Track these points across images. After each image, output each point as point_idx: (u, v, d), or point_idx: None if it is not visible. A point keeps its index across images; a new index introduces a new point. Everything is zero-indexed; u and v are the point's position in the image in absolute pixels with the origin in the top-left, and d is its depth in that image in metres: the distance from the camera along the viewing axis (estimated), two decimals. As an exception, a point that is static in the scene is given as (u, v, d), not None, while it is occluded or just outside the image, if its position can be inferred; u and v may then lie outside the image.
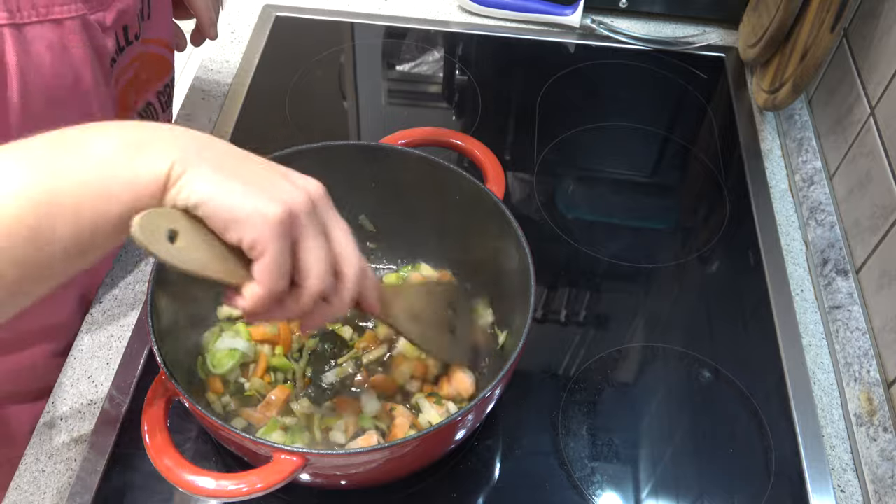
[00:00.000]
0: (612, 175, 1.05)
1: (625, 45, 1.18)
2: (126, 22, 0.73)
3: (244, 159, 0.53)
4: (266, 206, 0.50)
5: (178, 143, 0.50)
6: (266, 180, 0.51)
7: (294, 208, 0.51)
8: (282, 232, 0.50)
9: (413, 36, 1.19)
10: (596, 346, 0.85)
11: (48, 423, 0.76)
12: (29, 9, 0.62)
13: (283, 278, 0.52)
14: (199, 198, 0.49)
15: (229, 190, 0.50)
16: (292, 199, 0.51)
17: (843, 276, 0.87)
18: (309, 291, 0.54)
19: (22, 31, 0.62)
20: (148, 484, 0.72)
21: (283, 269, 0.51)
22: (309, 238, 0.52)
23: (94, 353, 0.82)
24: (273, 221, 0.50)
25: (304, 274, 0.53)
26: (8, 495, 0.72)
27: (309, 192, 0.53)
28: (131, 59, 0.77)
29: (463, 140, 0.83)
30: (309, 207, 0.52)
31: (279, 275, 0.51)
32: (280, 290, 0.52)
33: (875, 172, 0.85)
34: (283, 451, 0.59)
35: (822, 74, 1.03)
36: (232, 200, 0.49)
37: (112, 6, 0.70)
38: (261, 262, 0.51)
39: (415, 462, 0.70)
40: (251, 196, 0.50)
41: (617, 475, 0.75)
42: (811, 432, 0.79)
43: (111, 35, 0.71)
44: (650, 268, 0.93)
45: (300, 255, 0.52)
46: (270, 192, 0.50)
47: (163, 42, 0.84)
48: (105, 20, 0.69)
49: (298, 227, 0.51)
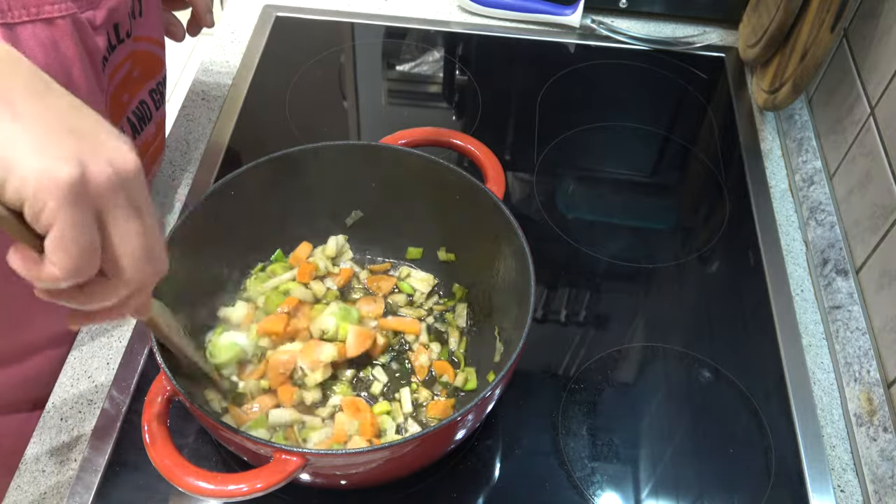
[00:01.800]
0: (612, 175, 1.05)
1: (625, 45, 1.19)
2: (117, 20, 0.72)
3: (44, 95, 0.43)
4: (55, 163, 0.40)
5: None
6: (66, 131, 0.41)
7: (94, 175, 0.41)
8: (76, 200, 0.40)
9: (413, 36, 1.19)
10: (596, 346, 0.85)
11: (48, 423, 0.76)
12: (20, 8, 0.62)
13: (84, 258, 0.42)
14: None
15: (8, 135, 0.40)
16: (93, 163, 0.41)
17: (843, 276, 0.87)
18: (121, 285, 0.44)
19: (13, 31, 0.62)
20: (148, 484, 0.72)
21: (82, 247, 0.41)
22: (119, 218, 0.43)
23: (94, 353, 0.82)
24: (64, 184, 0.39)
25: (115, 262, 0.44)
26: (8, 495, 0.72)
27: (117, 163, 0.43)
28: (123, 57, 0.77)
29: (463, 140, 0.83)
30: (113, 178, 0.42)
31: (77, 253, 0.41)
32: (83, 274, 0.43)
33: (875, 172, 0.85)
34: (283, 451, 0.59)
35: (822, 74, 1.03)
36: (10, 149, 0.39)
37: (102, 4, 0.69)
38: (50, 237, 0.41)
39: (415, 462, 0.70)
40: (39, 148, 0.40)
41: (617, 475, 0.75)
42: (811, 432, 0.79)
43: (102, 33, 0.70)
44: (650, 268, 0.93)
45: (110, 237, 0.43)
46: (66, 148, 0.40)
47: (154, 40, 0.84)
48: (95, 19, 0.69)
49: (102, 201, 0.42)
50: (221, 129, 1.04)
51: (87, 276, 0.43)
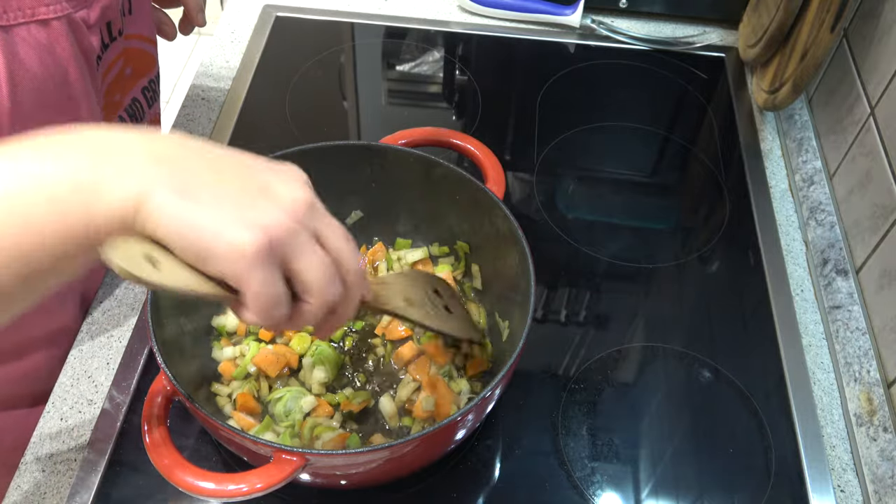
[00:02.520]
0: (612, 175, 1.05)
1: (625, 45, 1.18)
2: (109, 18, 0.72)
3: (216, 167, 0.47)
4: (241, 236, 0.44)
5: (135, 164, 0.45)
6: (242, 199, 0.46)
7: (275, 232, 0.46)
8: (262, 262, 0.45)
9: (413, 36, 1.19)
10: (596, 346, 0.85)
11: (48, 422, 0.76)
12: (15, 10, 0.62)
13: (276, 306, 0.48)
14: (166, 234, 0.44)
15: (198, 221, 0.44)
16: (272, 221, 0.46)
17: (843, 276, 0.87)
18: (314, 308, 0.50)
19: (10, 33, 0.62)
20: (148, 484, 0.72)
21: (272, 299, 0.47)
22: (301, 255, 0.47)
23: (94, 353, 0.82)
24: (250, 254, 0.44)
25: (305, 292, 0.49)
26: (8, 495, 0.72)
27: (291, 207, 0.47)
28: (116, 55, 0.77)
29: (463, 140, 0.83)
30: (293, 224, 0.47)
31: (270, 305, 0.47)
32: (278, 316, 0.48)
33: (875, 172, 0.85)
34: (283, 451, 0.59)
35: (822, 74, 1.03)
36: (201, 234, 0.44)
37: (95, 3, 0.69)
38: (246, 297, 0.46)
39: (415, 462, 0.70)
40: (223, 225, 0.44)
41: (617, 475, 0.75)
42: (811, 432, 0.79)
43: (96, 32, 0.70)
44: (650, 268, 0.93)
45: (296, 275, 0.48)
46: (246, 217, 0.45)
47: (145, 37, 0.84)
48: (89, 18, 0.69)
49: (284, 249, 0.46)
50: (221, 130, 1.04)
51: (280, 319, 0.49)
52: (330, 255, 0.50)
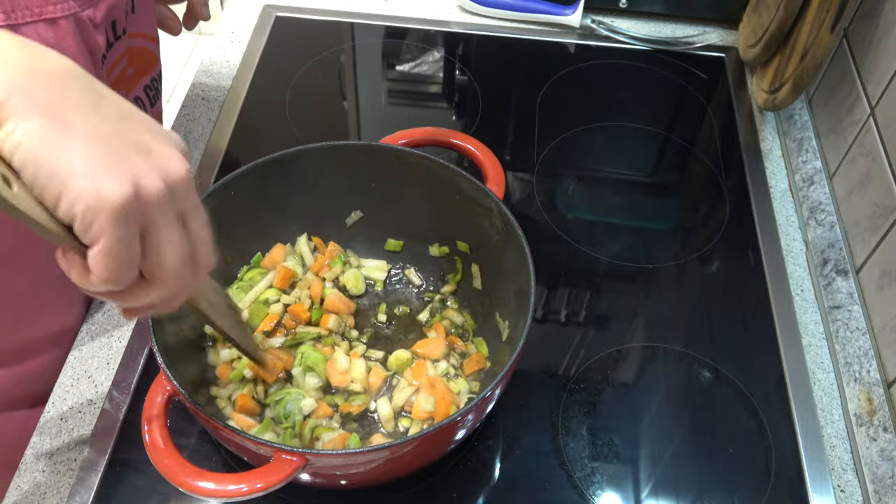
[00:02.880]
0: (612, 175, 1.05)
1: (625, 45, 1.18)
2: (114, 17, 0.73)
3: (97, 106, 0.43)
4: (108, 183, 0.40)
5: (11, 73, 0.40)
6: (116, 147, 0.42)
7: (145, 191, 0.42)
8: (125, 218, 0.41)
9: (413, 36, 1.19)
10: (596, 346, 0.85)
11: (48, 422, 0.76)
12: (23, 9, 0.62)
13: (124, 271, 0.43)
14: (21, 153, 0.39)
15: (62, 153, 0.40)
16: (145, 178, 0.42)
17: (843, 276, 0.87)
18: (160, 290, 0.46)
19: (18, 32, 0.62)
20: (148, 484, 0.72)
21: (123, 262, 0.43)
22: (163, 228, 0.44)
23: (94, 353, 0.82)
24: (115, 206, 0.40)
25: (157, 268, 0.45)
26: (8, 495, 0.72)
27: (168, 173, 0.44)
28: (120, 54, 0.77)
29: (463, 140, 0.83)
30: (164, 192, 0.43)
31: (118, 267, 0.43)
32: (122, 284, 0.44)
33: (875, 172, 0.85)
34: (283, 451, 0.59)
35: (822, 74, 1.03)
36: (62, 167, 0.40)
37: (101, 2, 0.69)
38: (94, 251, 0.42)
39: (415, 462, 0.70)
40: (91, 166, 0.40)
41: (617, 475, 0.75)
42: (811, 432, 0.79)
43: (101, 31, 0.71)
44: (650, 268, 0.93)
45: (151, 248, 0.44)
46: (118, 165, 0.41)
47: (148, 35, 0.84)
48: (95, 17, 0.69)
49: (150, 214, 0.43)
50: (221, 130, 1.04)
51: (125, 285, 0.44)
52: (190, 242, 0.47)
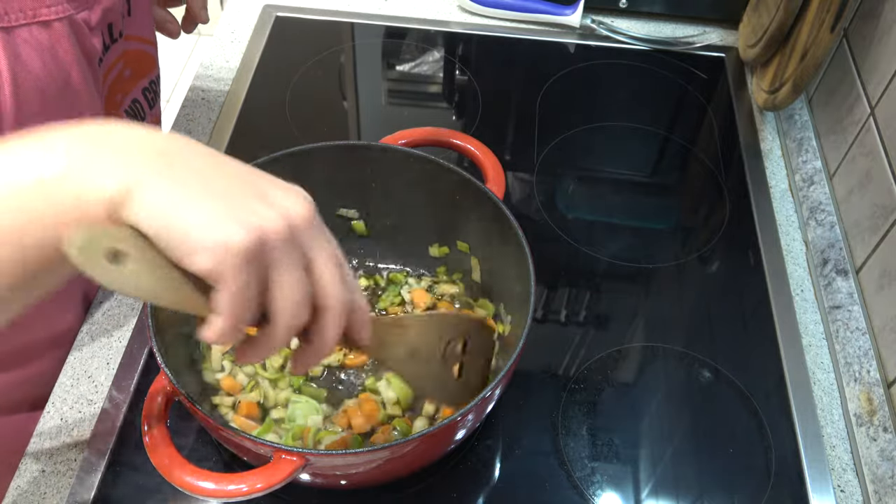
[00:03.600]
0: (612, 175, 1.05)
1: (625, 45, 1.18)
2: (110, 20, 0.72)
3: (217, 169, 0.45)
4: (231, 232, 0.42)
5: (133, 154, 0.43)
6: (238, 199, 0.44)
7: (266, 235, 0.44)
8: (247, 263, 0.43)
9: (413, 36, 1.19)
10: (596, 346, 0.85)
11: (48, 423, 0.76)
12: (17, 12, 0.61)
13: (247, 312, 0.45)
14: (152, 219, 0.42)
15: (189, 211, 0.42)
16: (266, 224, 0.44)
17: (843, 276, 0.87)
18: (279, 329, 0.47)
19: (11, 34, 0.61)
20: (148, 484, 0.72)
21: (246, 303, 0.44)
22: (282, 269, 0.45)
23: (94, 353, 0.82)
24: (237, 251, 0.42)
25: (273, 309, 0.46)
26: (8, 495, 0.72)
27: (290, 216, 0.45)
28: (116, 57, 0.77)
29: (463, 140, 0.83)
30: (287, 234, 0.45)
31: (242, 308, 0.44)
32: (245, 323, 0.46)
33: (875, 172, 0.85)
34: (283, 451, 0.59)
35: (822, 74, 1.03)
36: (190, 224, 0.42)
37: (97, 5, 0.69)
38: (220, 294, 0.44)
39: (415, 462, 0.70)
40: (215, 219, 0.42)
41: (617, 475, 0.75)
42: (811, 432, 0.79)
43: (97, 34, 0.70)
44: (650, 268, 0.93)
45: (271, 288, 0.45)
46: (240, 216, 0.43)
47: (145, 38, 0.84)
48: (91, 19, 0.69)
49: (271, 257, 0.44)
50: (221, 130, 1.04)
51: (247, 324, 0.46)
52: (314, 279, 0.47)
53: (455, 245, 0.83)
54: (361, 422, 0.73)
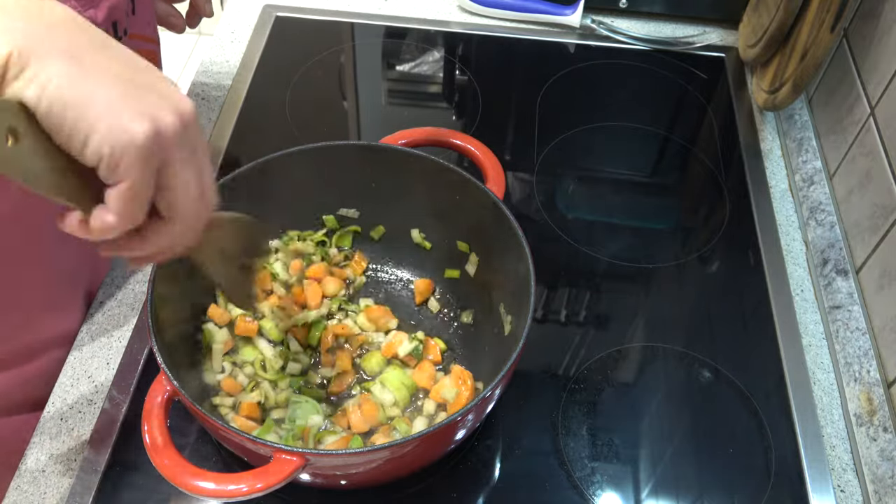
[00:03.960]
0: (612, 175, 1.05)
1: (625, 45, 1.18)
2: (115, 18, 0.72)
3: (105, 50, 0.43)
4: (132, 121, 0.41)
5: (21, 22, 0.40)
6: (133, 85, 0.42)
7: (164, 128, 0.42)
8: (148, 156, 0.42)
9: (413, 36, 1.19)
10: (596, 346, 0.85)
11: (48, 423, 0.76)
12: None
13: (142, 209, 0.44)
14: (47, 96, 0.39)
15: (87, 92, 0.40)
16: (162, 116, 0.42)
17: (843, 276, 0.87)
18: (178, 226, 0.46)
19: None
20: (148, 484, 0.72)
21: (143, 199, 0.43)
22: (178, 165, 0.44)
23: (94, 353, 0.82)
24: (140, 143, 0.41)
25: (173, 205, 0.45)
26: (8, 495, 0.72)
27: (181, 111, 0.44)
28: None
29: (463, 140, 0.83)
30: (179, 128, 0.43)
31: (139, 205, 0.43)
32: (137, 221, 0.45)
33: (875, 172, 0.85)
34: (283, 451, 0.59)
35: (822, 74, 1.03)
36: (89, 107, 0.40)
37: (102, 3, 0.69)
38: (118, 189, 0.42)
39: (415, 462, 0.70)
40: (115, 105, 0.41)
41: (617, 475, 0.75)
42: (811, 432, 0.79)
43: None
44: (650, 268, 0.93)
45: (168, 184, 0.44)
46: (138, 104, 0.41)
47: (148, 37, 0.84)
48: (96, 17, 0.69)
49: (168, 151, 0.43)
50: (221, 130, 1.04)
51: (139, 222, 0.45)
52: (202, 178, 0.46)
53: (455, 245, 0.83)
54: (361, 422, 0.73)
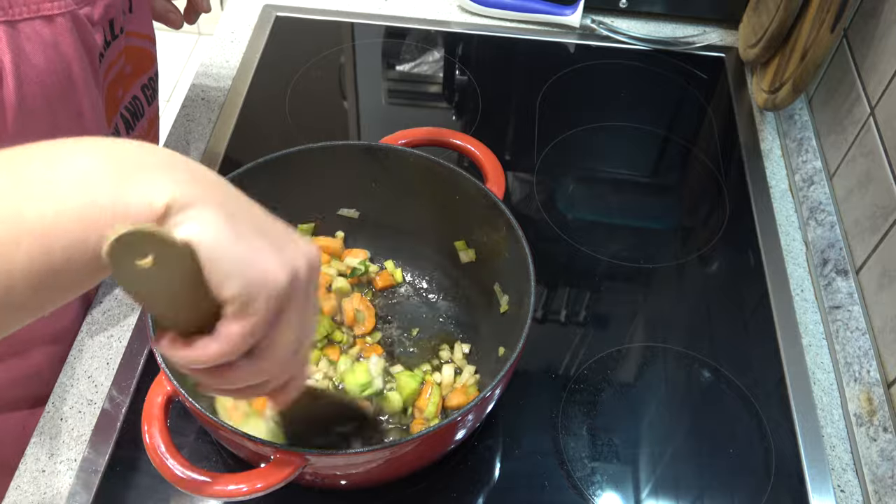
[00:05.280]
0: (612, 175, 1.05)
1: (625, 45, 1.18)
2: (112, 16, 0.73)
3: (249, 206, 0.47)
4: (277, 269, 0.44)
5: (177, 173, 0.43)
6: (275, 238, 0.46)
7: (297, 279, 0.45)
8: (283, 299, 0.44)
9: (413, 36, 1.19)
10: (596, 346, 0.85)
11: (48, 423, 0.76)
12: (20, 6, 0.62)
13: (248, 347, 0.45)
14: (205, 239, 0.41)
15: (240, 241, 0.43)
16: (298, 266, 0.45)
17: (843, 276, 0.87)
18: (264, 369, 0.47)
19: (16, 28, 0.62)
20: (148, 484, 0.72)
21: (257, 338, 0.45)
22: (292, 314, 0.46)
23: (94, 353, 0.82)
24: (278, 289, 0.44)
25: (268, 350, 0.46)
26: (8, 495, 0.72)
27: (309, 261, 0.47)
28: (117, 53, 0.77)
29: (463, 140, 0.83)
30: (307, 279, 0.47)
31: (249, 343, 0.45)
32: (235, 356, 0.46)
33: (875, 172, 0.85)
34: (283, 451, 0.59)
35: (822, 74, 1.03)
36: (241, 254, 0.43)
37: (99, 0, 0.70)
38: (240, 324, 0.44)
39: (415, 462, 0.70)
40: (263, 254, 0.44)
41: (617, 475, 0.75)
42: (811, 432, 0.79)
43: (99, 30, 0.71)
44: (650, 268, 0.93)
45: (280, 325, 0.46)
46: (280, 254, 0.45)
47: (145, 35, 0.84)
48: (93, 15, 0.69)
49: (291, 300, 0.46)
50: (221, 130, 1.04)
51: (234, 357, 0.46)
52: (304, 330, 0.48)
53: (454, 244, 0.83)
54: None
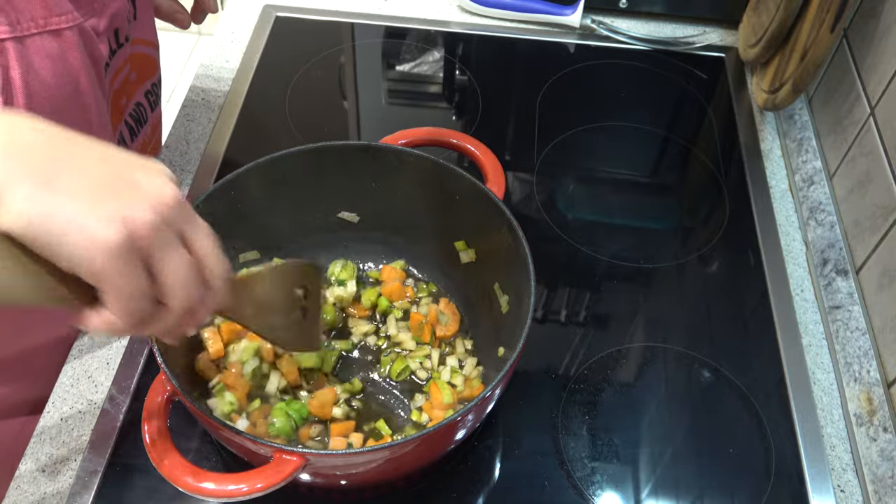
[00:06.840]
0: (612, 175, 1.05)
1: (625, 45, 1.18)
2: (117, 25, 0.73)
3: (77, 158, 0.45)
4: (98, 229, 0.42)
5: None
6: (102, 190, 0.43)
7: (136, 227, 0.43)
8: (122, 258, 0.43)
9: (413, 36, 1.19)
10: (596, 346, 0.85)
11: (48, 423, 0.76)
12: (28, 21, 0.62)
13: (140, 300, 0.45)
14: (17, 225, 0.41)
15: (53, 211, 0.41)
16: (133, 214, 0.43)
17: (843, 276, 0.87)
18: (175, 311, 0.48)
19: (24, 43, 0.62)
20: (148, 484, 0.72)
21: (136, 295, 0.45)
22: (163, 254, 0.45)
23: (94, 353, 0.82)
24: (108, 249, 0.42)
25: (166, 293, 0.46)
26: (8, 496, 0.72)
27: (156, 202, 0.45)
28: (122, 61, 0.77)
29: (463, 140, 0.83)
30: (157, 220, 0.44)
31: (133, 301, 0.45)
32: (141, 313, 0.46)
33: (875, 172, 0.85)
34: (283, 451, 0.59)
35: (822, 74, 1.03)
36: (55, 226, 0.41)
37: (104, 11, 0.70)
38: (107, 295, 0.44)
39: (415, 462, 0.70)
40: (81, 217, 0.42)
41: (617, 475, 0.75)
42: (811, 432, 0.79)
43: (104, 40, 0.71)
44: (650, 268, 0.93)
45: (157, 274, 0.45)
46: (106, 209, 0.43)
47: (148, 42, 0.84)
48: (98, 26, 0.69)
49: (146, 244, 0.44)
50: (221, 130, 1.04)
51: (143, 315, 0.46)
52: (195, 256, 0.48)
53: (454, 245, 0.83)
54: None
